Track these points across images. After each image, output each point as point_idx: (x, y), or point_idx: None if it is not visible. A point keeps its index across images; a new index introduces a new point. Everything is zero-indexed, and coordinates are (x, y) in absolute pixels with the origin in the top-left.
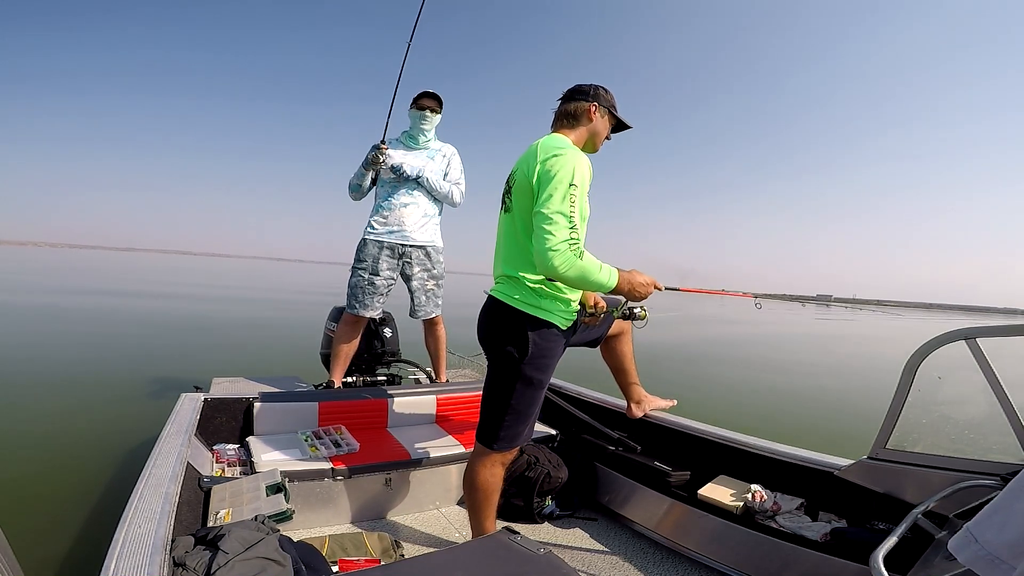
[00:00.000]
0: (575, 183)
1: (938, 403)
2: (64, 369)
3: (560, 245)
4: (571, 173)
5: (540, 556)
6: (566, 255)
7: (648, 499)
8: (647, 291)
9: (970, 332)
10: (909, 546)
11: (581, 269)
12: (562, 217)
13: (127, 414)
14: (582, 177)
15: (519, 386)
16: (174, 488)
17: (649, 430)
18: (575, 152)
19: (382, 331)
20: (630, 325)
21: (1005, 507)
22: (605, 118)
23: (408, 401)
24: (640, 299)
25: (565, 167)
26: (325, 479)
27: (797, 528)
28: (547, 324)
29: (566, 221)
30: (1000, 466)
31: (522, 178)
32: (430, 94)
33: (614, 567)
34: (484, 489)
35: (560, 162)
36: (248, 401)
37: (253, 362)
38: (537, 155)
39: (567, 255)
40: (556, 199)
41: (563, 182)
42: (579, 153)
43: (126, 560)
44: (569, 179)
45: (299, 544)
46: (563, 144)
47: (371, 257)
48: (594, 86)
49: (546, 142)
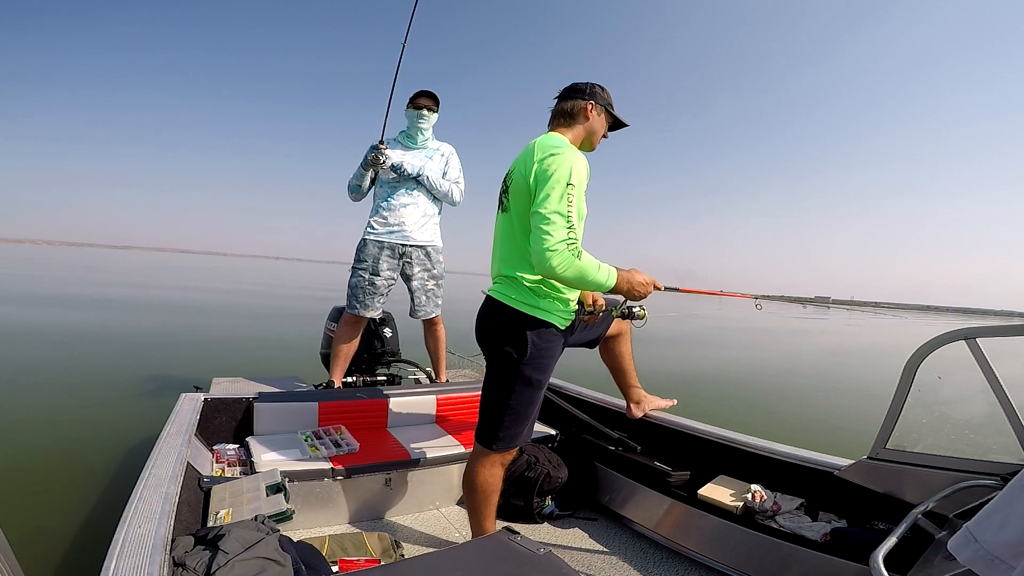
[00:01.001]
0: (572, 182)
1: (938, 403)
2: (63, 369)
3: (558, 245)
4: (568, 172)
5: (540, 556)
6: (564, 255)
7: (648, 499)
8: (646, 290)
9: (970, 332)
10: (909, 546)
11: (579, 269)
12: (560, 217)
13: (127, 414)
14: (579, 176)
15: (518, 386)
16: (174, 488)
17: (649, 430)
18: (572, 151)
19: (382, 331)
20: (629, 326)
21: (1005, 507)
22: (602, 116)
23: (408, 401)
24: (639, 298)
25: (562, 166)
26: (325, 479)
27: (797, 528)
28: (545, 324)
29: (564, 221)
30: (1000, 466)
31: (519, 178)
32: (427, 93)
33: (614, 567)
34: (484, 489)
35: (557, 161)
36: (248, 401)
37: (253, 362)
38: (534, 154)
39: (565, 255)
40: (553, 199)
41: (560, 181)
42: (576, 152)
43: (126, 560)
44: (567, 178)
45: (299, 544)
46: (560, 143)
47: (371, 257)
48: (591, 84)
49: (543, 141)
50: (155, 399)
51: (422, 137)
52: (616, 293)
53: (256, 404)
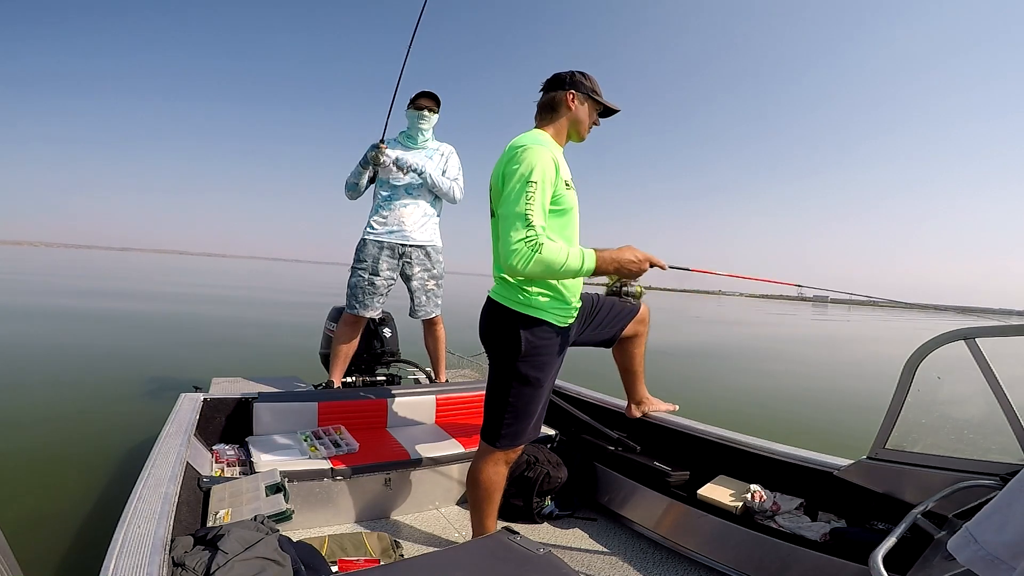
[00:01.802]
0: (533, 179)
1: (937, 403)
2: (62, 370)
3: (516, 245)
4: (528, 170)
5: (540, 556)
6: (521, 252)
7: (648, 499)
8: (639, 267)
9: (969, 332)
10: (908, 546)
11: (542, 262)
12: (516, 217)
13: (127, 414)
14: (541, 171)
15: (515, 384)
16: (173, 488)
17: (649, 430)
18: (537, 147)
19: (382, 331)
20: (646, 328)
21: (1004, 507)
22: (586, 105)
23: (408, 401)
24: (632, 276)
25: (522, 164)
26: (324, 479)
27: (796, 528)
28: (539, 322)
29: (521, 220)
30: (999, 466)
31: (494, 181)
32: (428, 94)
33: (614, 567)
34: (487, 487)
35: (517, 160)
36: (248, 401)
37: (253, 362)
38: (504, 156)
39: (523, 252)
40: (512, 199)
41: (520, 180)
42: (540, 147)
43: (126, 560)
44: (527, 176)
45: (299, 544)
46: (526, 141)
47: (371, 257)
48: (571, 72)
49: (513, 141)
50: (155, 399)
51: (422, 137)
52: (602, 274)
53: (255, 404)
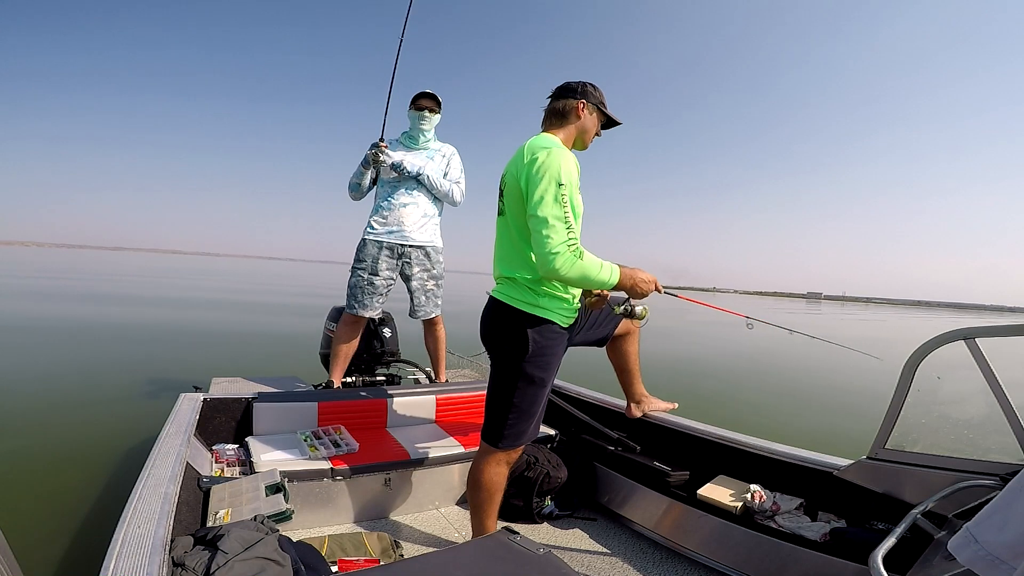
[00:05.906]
0: (563, 182)
1: (937, 403)
2: (62, 370)
3: (559, 247)
4: (558, 173)
5: (540, 556)
6: (566, 256)
7: (647, 499)
8: (649, 288)
9: (969, 332)
10: (908, 546)
11: (582, 269)
12: (557, 220)
13: (126, 414)
14: (569, 175)
15: (521, 384)
16: (173, 488)
17: (648, 430)
18: (559, 150)
19: (381, 331)
20: (638, 326)
21: (1004, 507)
22: (594, 115)
23: (408, 401)
24: (641, 296)
25: (551, 168)
26: (324, 479)
27: (796, 528)
28: (546, 322)
29: (562, 223)
30: (999, 466)
31: (512, 181)
32: (428, 94)
33: (613, 567)
34: (488, 488)
35: (546, 163)
36: (247, 401)
37: (252, 362)
38: (524, 157)
39: (567, 256)
40: (548, 201)
41: (552, 183)
42: (563, 151)
43: (126, 560)
44: (557, 179)
45: (298, 544)
46: (547, 144)
47: (370, 257)
48: (582, 83)
49: (532, 143)
50: (154, 399)
51: (424, 138)
52: (620, 290)
53: (255, 404)
